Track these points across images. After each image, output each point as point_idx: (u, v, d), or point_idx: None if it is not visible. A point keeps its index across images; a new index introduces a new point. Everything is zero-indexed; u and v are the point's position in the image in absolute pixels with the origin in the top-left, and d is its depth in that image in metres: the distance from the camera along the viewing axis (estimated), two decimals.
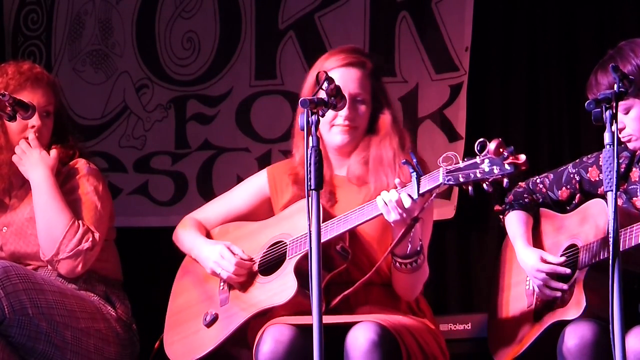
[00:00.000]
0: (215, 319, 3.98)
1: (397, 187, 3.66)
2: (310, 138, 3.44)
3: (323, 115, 3.53)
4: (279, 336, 3.69)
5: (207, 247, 4.05)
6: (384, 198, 3.65)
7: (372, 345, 3.59)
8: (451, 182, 3.46)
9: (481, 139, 3.43)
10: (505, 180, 3.39)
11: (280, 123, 5.84)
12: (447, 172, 3.48)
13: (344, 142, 3.97)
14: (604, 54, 3.96)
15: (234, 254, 3.97)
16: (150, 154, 6.09)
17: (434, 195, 3.60)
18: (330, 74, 3.84)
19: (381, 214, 3.68)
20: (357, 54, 4.03)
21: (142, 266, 5.59)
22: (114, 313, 4.26)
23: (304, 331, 3.68)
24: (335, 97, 3.61)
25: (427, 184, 3.56)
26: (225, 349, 3.95)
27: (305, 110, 3.48)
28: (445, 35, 5.63)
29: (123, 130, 6.14)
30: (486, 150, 3.41)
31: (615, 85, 3.34)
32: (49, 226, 4.14)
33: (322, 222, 3.73)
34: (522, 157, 3.37)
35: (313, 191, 3.40)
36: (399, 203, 3.61)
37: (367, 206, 3.74)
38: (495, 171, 3.38)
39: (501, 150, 3.38)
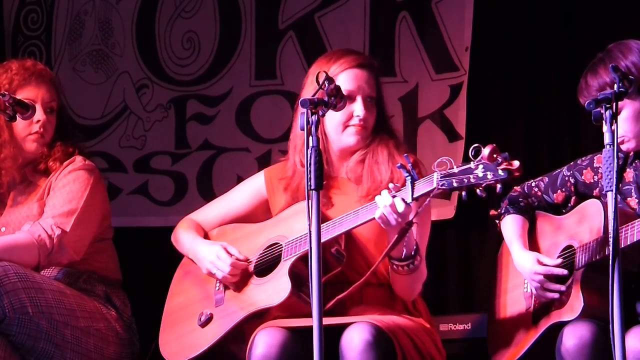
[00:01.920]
0: (210, 319, 3.99)
1: (390, 191, 3.66)
2: (310, 138, 3.44)
3: (323, 115, 3.53)
4: (271, 340, 3.70)
5: (204, 247, 4.06)
6: (377, 202, 3.65)
7: (366, 345, 3.60)
8: (445, 187, 3.48)
9: (475, 145, 3.44)
10: (499, 185, 3.40)
11: (280, 123, 5.84)
12: (441, 177, 3.49)
13: (357, 142, 3.98)
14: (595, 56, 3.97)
15: (230, 254, 3.99)
16: (150, 154, 6.09)
17: (428, 199, 3.60)
18: (342, 75, 3.85)
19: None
20: (362, 54, 4.04)
21: (142, 266, 5.59)
22: (114, 312, 4.26)
23: (297, 334, 3.69)
24: (336, 97, 3.61)
25: (421, 188, 3.57)
26: (225, 345, 3.95)
27: (305, 110, 3.48)
28: (445, 35, 5.63)
29: (123, 130, 6.14)
30: (480, 156, 3.42)
31: (616, 86, 3.35)
32: (21, 262, 4.12)
33: None
34: (516, 164, 3.39)
35: (313, 191, 3.40)
36: (393, 207, 3.62)
37: (362, 209, 3.75)
38: (489, 177, 3.40)
39: (495, 156, 3.39)
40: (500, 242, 4.27)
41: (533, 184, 4.15)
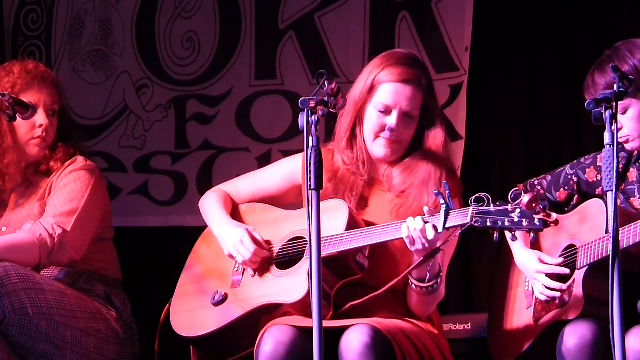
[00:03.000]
0: (224, 299, 3.97)
1: (424, 215, 3.64)
2: (310, 138, 3.43)
3: (323, 116, 3.53)
4: (280, 337, 3.69)
5: (229, 228, 4.00)
6: (409, 225, 3.63)
7: (365, 348, 3.59)
8: (478, 225, 3.49)
9: (516, 189, 3.47)
10: (532, 235, 3.41)
11: (280, 123, 5.84)
12: (476, 213, 3.49)
13: (386, 155, 3.95)
14: (603, 53, 3.96)
15: (253, 240, 3.93)
16: (150, 154, 6.10)
17: (459, 231, 3.59)
18: (384, 87, 3.84)
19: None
20: (415, 68, 3.94)
21: (142, 266, 5.59)
22: (114, 313, 4.26)
23: (306, 333, 3.68)
24: (336, 97, 3.61)
25: (454, 220, 3.56)
26: (232, 329, 3.92)
27: (306, 110, 3.48)
28: (445, 35, 5.64)
29: (123, 130, 6.14)
30: (519, 201, 3.43)
31: (616, 86, 3.34)
32: (22, 262, 4.13)
33: (347, 229, 3.76)
34: (554, 216, 3.42)
35: (313, 191, 3.40)
36: (423, 233, 3.60)
37: (392, 227, 3.72)
38: (524, 224, 3.42)
39: (534, 205, 3.41)
40: (501, 241, 4.26)
41: (536, 182, 4.14)
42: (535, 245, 4.04)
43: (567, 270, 3.86)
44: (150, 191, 6.07)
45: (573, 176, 4.06)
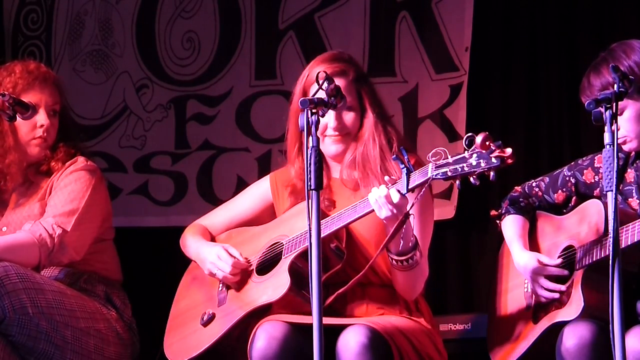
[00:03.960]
0: (212, 318, 4.01)
1: (387, 184, 3.67)
2: (310, 138, 3.44)
3: (323, 116, 3.54)
4: (273, 332, 3.71)
5: (205, 249, 4.09)
6: (373, 194, 3.67)
7: (362, 348, 3.60)
8: (439, 177, 3.50)
9: (469, 134, 3.46)
10: (492, 173, 3.41)
11: (280, 123, 5.77)
12: (435, 167, 3.51)
13: (339, 151, 4.01)
14: (598, 55, 3.96)
15: (230, 255, 4.01)
16: (150, 154, 6.10)
17: (423, 190, 3.61)
18: (314, 87, 3.86)
19: (373, 210, 3.69)
20: (338, 61, 4.02)
21: (142, 266, 5.59)
22: (114, 313, 4.26)
23: (298, 328, 3.71)
24: (336, 97, 3.61)
25: (416, 179, 3.59)
26: (227, 342, 3.95)
27: (305, 110, 3.48)
28: (445, 35, 5.64)
29: (123, 130, 6.14)
30: (474, 145, 3.44)
31: (616, 86, 3.34)
32: (22, 262, 4.12)
33: None
34: (508, 151, 3.41)
35: (313, 191, 3.41)
36: (388, 198, 3.63)
37: (359, 204, 3.76)
38: (482, 164, 3.41)
39: (488, 143, 3.41)
40: (500, 242, 4.27)
41: (534, 184, 4.15)
42: (534, 245, 4.05)
43: (565, 272, 3.86)
44: (150, 191, 6.07)
45: (571, 178, 4.07)
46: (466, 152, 3.45)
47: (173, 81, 6.11)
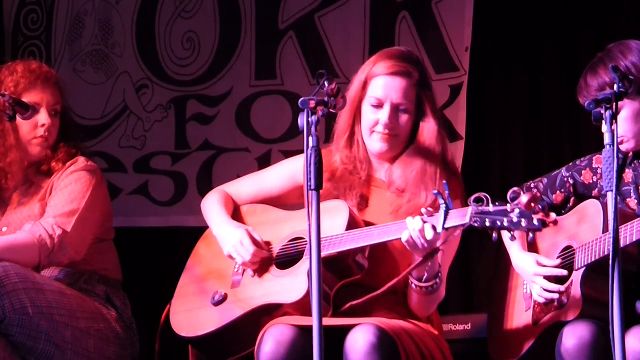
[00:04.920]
0: (223, 299, 3.96)
1: (423, 215, 3.62)
2: (310, 138, 3.43)
3: (323, 116, 3.53)
4: (280, 336, 3.69)
5: (229, 229, 4.00)
6: (407, 225, 3.62)
7: (370, 347, 3.58)
8: (477, 225, 3.47)
9: (515, 188, 3.44)
10: (530, 235, 3.41)
11: (280, 123, 5.84)
12: (475, 213, 3.47)
13: (383, 150, 3.95)
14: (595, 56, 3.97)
15: (253, 241, 3.93)
16: (150, 154, 6.10)
17: (458, 231, 3.58)
18: (375, 81, 3.86)
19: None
20: (405, 61, 3.96)
21: (142, 266, 5.59)
22: (114, 313, 4.26)
23: (306, 332, 3.67)
24: (335, 97, 3.61)
25: (453, 220, 3.54)
26: (232, 328, 3.92)
27: (305, 110, 3.48)
28: (445, 35, 5.64)
29: (123, 130, 6.14)
30: (517, 201, 3.41)
31: (615, 85, 3.35)
32: (22, 263, 4.12)
33: (347, 229, 3.76)
34: (553, 216, 3.39)
35: (313, 191, 3.40)
36: (422, 233, 3.58)
37: (391, 226, 3.71)
38: (523, 224, 3.39)
39: (532, 205, 3.39)
40: (500, 242, 4.27)
41: (532, 185, 4.14)
42: (533, 246, 4.04)
43: (564, 272, 3.86)
44: (150, 191, 6.07)
45: (569, 178, 4.07)
46: (508, 205, 3.43)
47: (173, 81, 6.11)
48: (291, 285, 3.83)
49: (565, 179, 4.07)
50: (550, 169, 4.20)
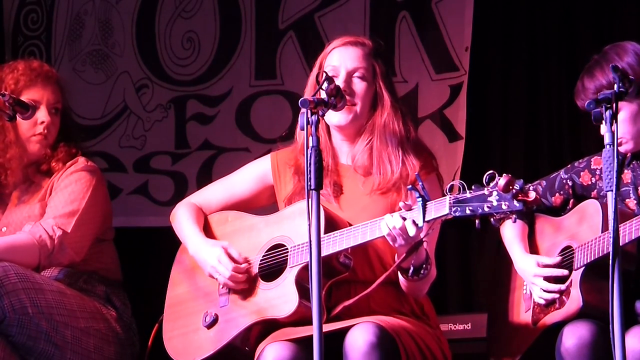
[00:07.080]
0: (215, 320, 3.92)
1: (401, 210, 3.58)
2: (310, 138, 3.42)
3: (323, 116, 3.52)
4: (280, 353, 3.65)
5: (206, 248, 3.96)
6: (387, 224, 3.58)
7: (370, 346, 3.56)
8: (458, 214, 3.40)
9: (490, 171, 3.37)
10: (514, 216, 3.36)
11: (280, 123, 5.84)
12: (454, 202, 3.41)
13: (346, 121, 3.89)
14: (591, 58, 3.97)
15: (231, 258, 3.89)
16: (150, 154, 6.10)
17: (439, 221, 3.54)
18: (331, 56, 3.84)
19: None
20: (359, 37, 3.99)
21: (142, 266, 5.59)
22: (114, 313, 4.26)
23: (304, 345, 3.65)
24: (335, 97, 3.60)
25: (433, 211, 3.49)
26: (230, 346, 3.89)
27: (305, 110, 3.47)
28: (445, 35, 5.64)
29: (123, 130, 6.14)
30: (495, 183, 3.35)
31: (616, 86, 3.34)
32: (22, 263, 4.12)
33: (326, 231, 3.70)
34: (532, 195, 3.33)
35: (313, 191, 3.39)
36: (404, 230, 3.55)
37: (371, 224, 3.67)
38: (504, 207, 3.33)
39: (510, 187, 3.32)
40: (500, 243, 4.27)
41: (531, 188, 4.14)
42: (533, 247, 4.05)
43: (565, 272, 3.86)
44: (150, 191, 6.07)
45: (568, 180, 4.07)
46: (486, 188, 3.37)
47: (173, 81, 6.11)
48: (282, 298, 3.78)
49: (564, 181, 4.07)
50: (550, 169, 4.20)
